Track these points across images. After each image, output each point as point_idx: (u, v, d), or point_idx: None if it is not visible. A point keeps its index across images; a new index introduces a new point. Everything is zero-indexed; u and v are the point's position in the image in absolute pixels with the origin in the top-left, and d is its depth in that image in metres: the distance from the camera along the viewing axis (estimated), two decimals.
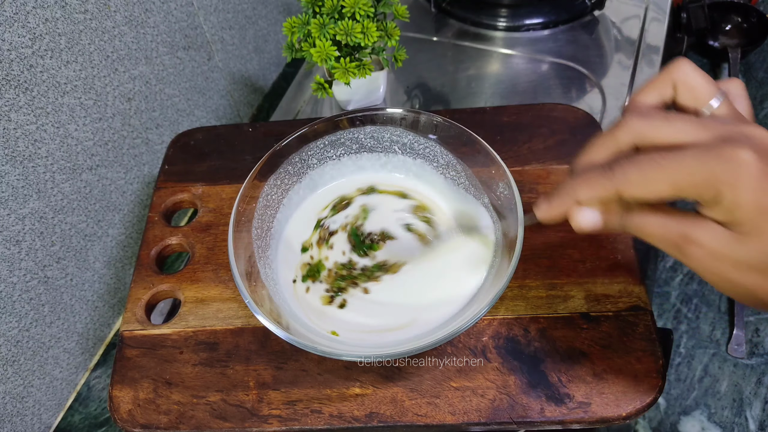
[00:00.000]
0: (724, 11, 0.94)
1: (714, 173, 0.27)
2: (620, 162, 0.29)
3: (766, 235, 0.27)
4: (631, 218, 0.31)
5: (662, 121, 0.30)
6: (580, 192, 0.31)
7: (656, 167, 0.28)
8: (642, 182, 0.29)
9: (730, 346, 0.64)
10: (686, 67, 0.31)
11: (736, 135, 0.28)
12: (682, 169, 0.27)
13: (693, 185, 0.27)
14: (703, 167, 0.27)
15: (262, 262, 0.46)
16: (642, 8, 0.79)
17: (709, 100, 0.31)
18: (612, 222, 0.32)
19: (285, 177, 0.50)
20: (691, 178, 0.27)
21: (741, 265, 0.28)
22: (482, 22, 0.79)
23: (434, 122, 0.49)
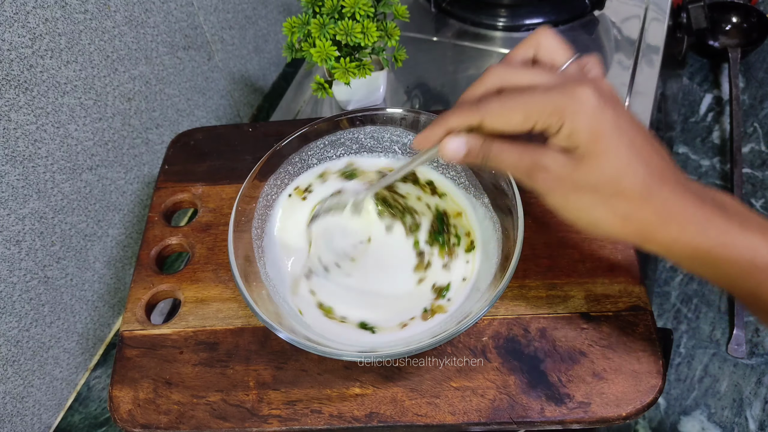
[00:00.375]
0: (724, 11, 0.93)
1: (558, 103, 0.31)
2: (486, 97, 0.34)
3: (600, 158, 0.31)
4: (490, 147, 0.35)
5: (521, 68, 0.35)
6: (450, 120, 0.35)
7: (513, 100, 0.33)
8: (501, 112, 0.33)
9: (730, 346, 0.64)
10: (548, 32, 0.36)
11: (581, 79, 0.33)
12: (534, 101, 0.32)
13: (541, 114, 0.32)
14: (550, 99, 0.32)
15: (262, 262, 0.46)
16: (642, 8, 0.79)
17: (564, 62, 0.36)
18: (475, 150, 0.35)
19: (285, 177, 0.50)
20: (540, 107, 0.32)
21: (578, 185, 0.32)
22: (482, 22, 0.79)
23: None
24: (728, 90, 0.86)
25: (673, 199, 0.32)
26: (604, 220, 0.33)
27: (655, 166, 0.32)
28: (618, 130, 0.31)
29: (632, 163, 0.31)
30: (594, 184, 0.32)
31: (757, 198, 0.76)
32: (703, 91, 0.88)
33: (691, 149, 0.82)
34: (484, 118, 0.34)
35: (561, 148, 0.32)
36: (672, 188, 0.32)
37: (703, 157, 0.81)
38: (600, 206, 0.33)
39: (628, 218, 0.32)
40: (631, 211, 0.32)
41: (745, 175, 0.78)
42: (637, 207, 0.32)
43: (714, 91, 0.88)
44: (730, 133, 0.80)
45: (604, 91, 0.32)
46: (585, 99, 0.31)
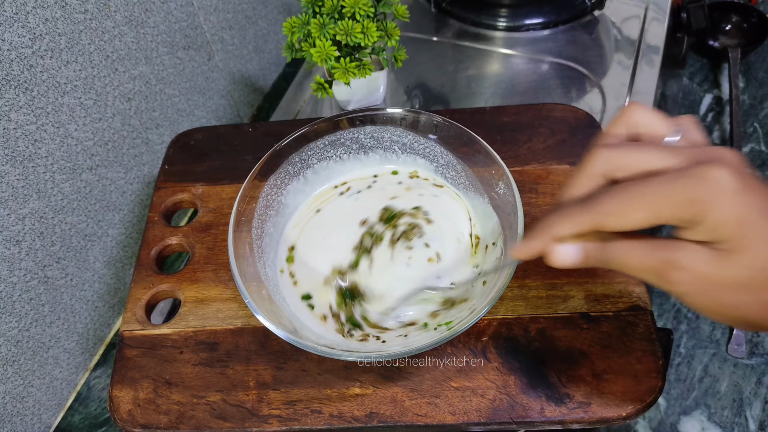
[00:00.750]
0: (724, 11, 0.94)
1: (692, 193, 0.27)
2: (596, 195, 0.29)
3: (751, 249, 0.27)
4: (611, 250, 0.30)
5: (631, 148, 0.30)
6: (558, 228, 0.31)
7: (633, 194, 0.28)
8: (620, 211, 0.28)
9: (730, 346, 0.64)
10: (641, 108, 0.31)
11: (706, 156, 0.28)
12: (659, 193, 0.27)
13: (672, 208, 0.27)
14: (680, 189, 0.27)
15: (262, 262, 0.46)
16: (642, 8, 0.79)
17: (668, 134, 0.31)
18: (592, 256, 0.31)
19: (285, 177, 0.50)
20: (670, 200, 0.27)
21: (728, 283, 0.28)
22: (482, 22, 0.79)
23: (434, 122, 0.49)
24: (728, 90, 0.86)
25: None
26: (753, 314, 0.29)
27: None
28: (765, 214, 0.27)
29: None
30: (749, 280, 0.27)
31: None
32: (703, 91, 0.89)
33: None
34: (598, 221, 0.29)
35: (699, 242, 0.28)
36: None
37: None
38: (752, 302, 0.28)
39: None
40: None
41: None
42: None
43: (714, 91, 0.88)
44: (730, 133, 0.80)
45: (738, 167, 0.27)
46: (722, 182, 0.26)
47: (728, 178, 0.26)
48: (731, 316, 0.29)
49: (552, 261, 0.32)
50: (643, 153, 0.29)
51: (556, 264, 0.32)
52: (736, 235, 0.27)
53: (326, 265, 0.47)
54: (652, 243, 0.29)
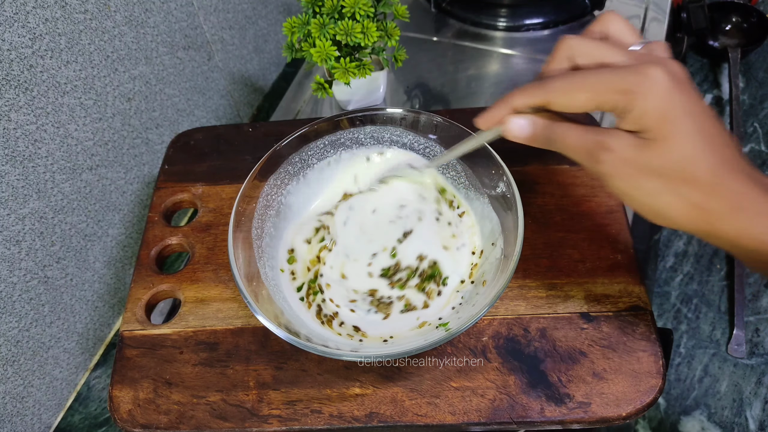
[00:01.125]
0: (724, 11, 0.93)
1: (627, 83, 0.30)
2: (553, 75, 0.34)
3: (670, 141, 0.30)
4: (555, 128, 0.34)
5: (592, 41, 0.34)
6: (516, 99, 0.35)
7: (580, 78, 0.32)
8: (566, 91, 0.32)
9: (730, 346, 0.64)
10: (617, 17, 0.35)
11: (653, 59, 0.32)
12: (601, 80, 0.31)
13: (609, 94, 0.31)
14: (620, 79, 0.31)
15: (262, 262, 0.46)
16: (642, 8, 0.79)
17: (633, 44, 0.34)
18: (539, 132, 0.35)
19: (285, 177, 0.50)
20: (608, 87, 0.31)
21: (647, 169, 0.31)
22: (482, 22, 0.79)
23: (434, 122, 0.49)
24: (728, 90, 0.86)
25: (744, 189, 0.31)
26: (670, 208, 0.32)
27: (726, 155, 0.31)
28: (690, 114, 0.30)
29: (704, 149, 0.30)
30: (662, 169, 0.31)
31: None
32: (703, 91, 0.88)
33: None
34: (549, 97, 0.33)
35: (629, 129, 0.31)
36: (742, 178, 0.31)
37: None
38: (667, 192, 0.31)
39: (696, 206, 0.31)
40: (700, 199, 0.31)
41: None
42: (707, 195, 0.31)
43: (714, 91, 0.88)
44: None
45: (677, 73, 0.31)
46: (657, 79, 0.30)
47: (662, 76, 0.30)
48: (649, 205, 0.32)
49: (507, 131, 0.36)
50: (602, 47, 0.33)
51: (510, 133, 0.36)
52: (659, 127, 0.30)
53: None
54: (589, 127, 0.33)
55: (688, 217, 0.32)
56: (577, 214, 0.50)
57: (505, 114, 0.36)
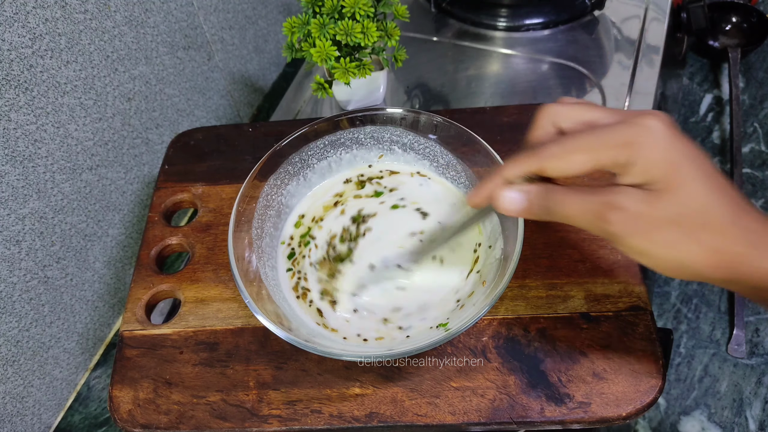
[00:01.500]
0: (724, 11, 0.94)
1: (627, 137, 0.30)
2: (544, 142, 0.32)
3: (681, 188, 0.29)
4: (552, 196, 0.32)
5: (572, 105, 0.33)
6: (507, 171, 0.34)
7: (575, 140, 0.31)
8: (562, 155, 0.31)
9: (730, 346, 0.64)
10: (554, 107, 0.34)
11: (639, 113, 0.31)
12: (598, 138, 0.30)
13: (608, 151, 0.30)
14: (616, 134, 0.30)
15: (262, 262, 0.46)
16: (642, 8, 0.79)
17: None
18: (535, 203, 0.33)
19: (285, 177, 0.50)
20: (606, 144, 0.30)
21: (662, 222, 0.30)
22: (482, 22, 0.79)
23: (434, 122, 0.49)
24: (728, 90, 0.86)
25: (760, 227, 0.30)
26: (691, 257, 0.30)
27: (734, 196, 0.30)
28: (693, 159, 0.30)
29: (715, 193, 0.30)
30: (679, 218, 0.30)
31: (757, 198, 0.76)
32: (703, 91, 0.89)
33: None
34: (544, 163, 0.32)
35: (634, 183, 0.30)
36: (756, 217, 0.30)
37: None
38: (687, 241, 0.30)
39: (718, 251, 0.30)
40: (720, 243, 0.30)
41: (745, 175, 0.78)
42: (727, 239, 0.30)
43: (714, 91, 0.88)
44: (730, 133, 0.80)
45: (668, 121, 0.30)
46: (655, 128, 0.29)
47: (660, 125, 0.30)
48: (669, 258, 0.31)
49: (499, 206, 0.34)
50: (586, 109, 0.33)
51: (503, 208, 0.34)
52: (667, 175, 0.29)
53: None
54: (590, 189, 0.32)
55: (710, 263, 0.30)
56: None
57: (495, 188, 0.34)
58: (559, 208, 0.32)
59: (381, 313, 0.44)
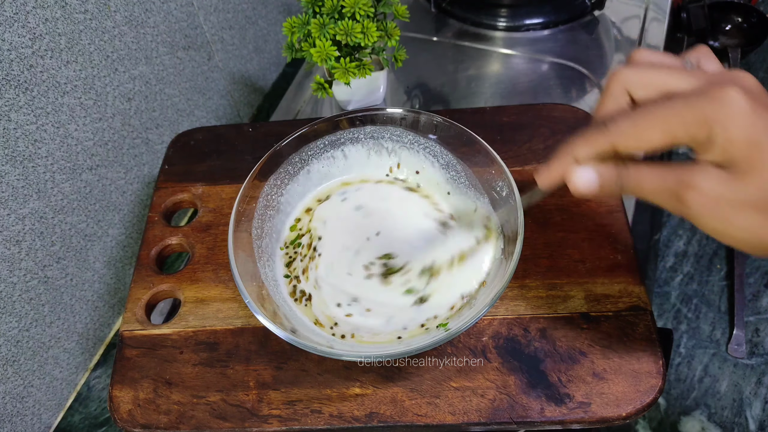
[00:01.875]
0: (724, 11, 0.93)
1: (704, 113, 0.27)
2: (614, 117, 0.30)
3: (762, 170, 0.27)
4: (627, 174, 0.31)
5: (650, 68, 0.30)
6: (576, 149, 0.32)
7: (648, 115, 0.29)
8: (635, 131, 0.29)
9: (730, 346, 0.64)
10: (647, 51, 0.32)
11: (721, 78, 0.29)
12: (673, 113, 0.28)
13: (685, 128, 0.28)
14: (693, 109, 0.27)
15: (262, 262, 0.46)
16: (642, 8, 0.79)
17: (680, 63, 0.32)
18: (609, 180, 0.31)
19: (285, 177, 0.50)
20: (683, 120, 0.28)
21: (741, 204, 0.28)
22: (482, 22, 0.79)
23: (434, 122, 0.49)
24: None
25: None
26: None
27: None
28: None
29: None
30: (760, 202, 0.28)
31: None
32: None
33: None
34: (615, 142, 0.30)
35: (714, 162, 0.28)
36: None
37: None
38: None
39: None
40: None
41: None
42: None
43: None
44: None
45: (752, 88, 0.28)
46: (735, 102, 0.27)
47: (741, 99, 0.27)
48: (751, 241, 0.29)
49: (572, 185, 0.32)
50: (662, 73, 0.30)
51: (576, 188, 0.32)
52: (748, 156, 0.27)
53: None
54: (667, 166, 0.29)
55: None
56: (577, 214, 0.50)
57: (567, 166, 0.32)
58: (634, 187, 0.31)
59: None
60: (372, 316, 0.44)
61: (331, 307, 0.45)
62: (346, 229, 0.49)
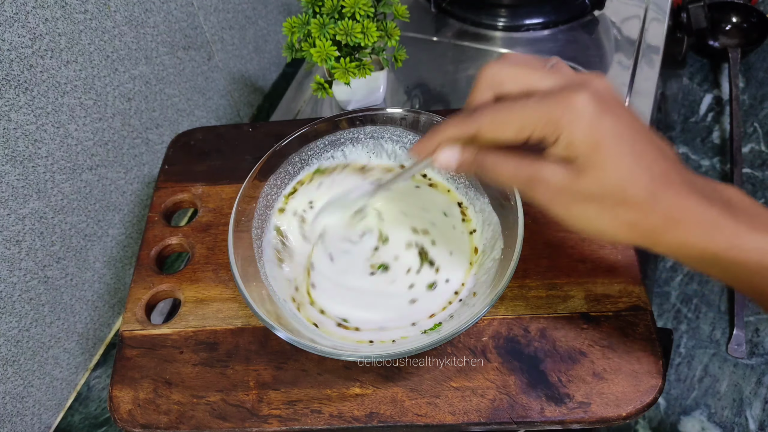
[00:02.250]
0: (724, 11, 0.93)
1: (554, 115, 0.30)
2: (480, 108, 0.34)
3: (597, 168, 0.31)
4: (484, 159, 0.35)
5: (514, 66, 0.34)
6: (446, 131, 0.35)
7: (507, 110, 0.32)
8: (495, 123, 0.33)
9: (730, 346, 0.64)
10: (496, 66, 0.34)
11: (575, 81, 0.32)
12: (527, 111, 0.31)
13: (534, 125, 0.31)
14: (545, 110, 0.31)
15: (261, 262, 0.46)
16: (642, 8, 0.79)
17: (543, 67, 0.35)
18: (466, 161, 0.35)
19: (285, 177, 0.50)
20: (533, 119, 0.31)
21: (579, 196, 0.32)
22: (482, 22, 0.79)
23: (434, 122, 0.49)
24: (728, 90, 0.86)
25: (679, 202, 0.31)
26: (609, 229, 0.32)
27: (659, 170, 0.31)
28: (618, 137, 0.30)
29: (634, 171, 0.31)
30: (596, 195, 0.31)
31: (757, 198, 0.76)
32: (703, 91, 0.88)
33: (691, 149, 0.82)
34: (478, 130, 0.33)
35: (559, 158, 0.32)
36: (677, 190, 0.31)
37: (703, 157, 0.81)
38: (604, 215, 0.32)
39: (634, 225, 0.32)
40: (636, 218, 0.31)
41: (745, 175, 0.78)
42: (643, 214, 0.31)
43: (714, 91, 0.88)
44: (730, 133, 0.80)
45: (602, 93, 0.31)
46: (581, 107, 0.30)
47: (587, 103, 0.30)
48: (589, 228, 0.33)
49: (437, 161, 0.36)
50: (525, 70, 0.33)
51: (438, 163, 0.36)
52: (588, 154, 0.31)
53: None
54: (521, 158, 0.33)
55: (629, 235, 0.32)
56: None
57: (435, 145, 0.36)
58: (491, 171, 0.35)
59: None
60: (371, 313, 0.44)
61: (330, 306, 0.45)
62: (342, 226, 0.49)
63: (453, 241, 0.48)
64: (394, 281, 0.46)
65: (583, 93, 0.30)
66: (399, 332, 0.43)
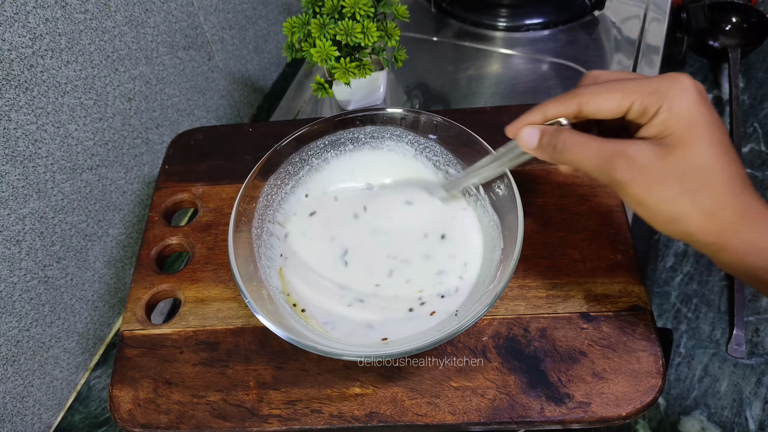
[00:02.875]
0: (724, 11, 0.93)
1: (660, 87, 0.32)
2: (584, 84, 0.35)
3: (688, 147, 0.31)
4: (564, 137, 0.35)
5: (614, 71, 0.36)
6: (548, 108, 0.36)
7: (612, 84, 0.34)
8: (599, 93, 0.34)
9: (730, 346, 0.64)
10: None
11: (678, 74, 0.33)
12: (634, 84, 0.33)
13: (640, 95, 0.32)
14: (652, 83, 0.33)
15: (262, 262, 0.46)
16: (642, 8, 0.79)
17: None
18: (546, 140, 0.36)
19: (285, 177, 0.50)
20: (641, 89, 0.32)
21: (664, 175, 0.32)
22: (482, 22, 0.79)
23: (434, 122, 0.49)
24: (728, 90, 0.86)
25: (754, 203, 0.31)
26: (684, 214, 0.32)
27: (739, 169, 0.32)
28: (711, 124, 0.31)
29: (721, 160, 0.31)
30: (681, 175, 0.31)
31: None
32: None
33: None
34: (581, 101, 0.34)
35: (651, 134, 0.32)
36: (753, 193, 0.32)
37: None
38: (684, 198, 0.31)
39: (710, 215, 0.31)
40: (715, 207, 0.31)
41: None
42: (723, 203, 0.31)
43: (714, 91, 0.88)
44: (730, 133, 0.80)
45: (700, 87, 0.33)
46: (687, 87, 0.32)
47: (691, 85, 0.32)
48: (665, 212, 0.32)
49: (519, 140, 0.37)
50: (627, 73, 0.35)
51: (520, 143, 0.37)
52: (683, 131, 0.31)
53: None
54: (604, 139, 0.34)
55: (702, 225, 0.32)
56: (577, 214, 0.50)
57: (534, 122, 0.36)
58: (569, 150, 0.35)
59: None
60: (370, 312, 0.44)
61: (329, 306, 0.45)
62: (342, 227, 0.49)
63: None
64: (399, 291, 0.46)
65: (687, 77, 0.32)
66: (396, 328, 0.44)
